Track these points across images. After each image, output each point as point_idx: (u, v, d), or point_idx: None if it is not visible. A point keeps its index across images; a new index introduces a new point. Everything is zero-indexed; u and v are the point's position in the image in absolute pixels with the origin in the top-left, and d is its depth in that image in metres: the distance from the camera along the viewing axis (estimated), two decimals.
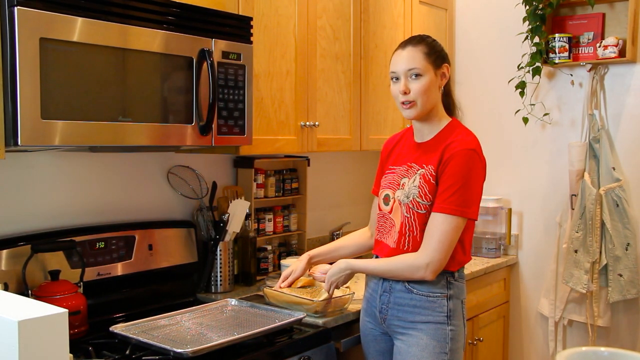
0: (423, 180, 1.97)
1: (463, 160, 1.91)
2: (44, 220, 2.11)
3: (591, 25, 3.11)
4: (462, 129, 2.04)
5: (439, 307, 1.97)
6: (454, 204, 1.90)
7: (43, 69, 1.62)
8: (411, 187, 1.99)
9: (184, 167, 2.51)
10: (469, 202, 1.92)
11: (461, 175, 1.91)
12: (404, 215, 1.99)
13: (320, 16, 2.64)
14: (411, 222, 1.97)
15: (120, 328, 1.89)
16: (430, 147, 2.02)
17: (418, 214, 1.96)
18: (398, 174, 2.07)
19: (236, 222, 2.52)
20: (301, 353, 2.01)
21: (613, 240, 2.97)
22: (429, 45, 2.00)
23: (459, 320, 2.01)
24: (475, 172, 1.94)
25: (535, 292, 3.41)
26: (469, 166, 1.92)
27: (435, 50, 2.00)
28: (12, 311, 1.19)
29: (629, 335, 3.09)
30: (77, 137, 1.72)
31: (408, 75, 1.97)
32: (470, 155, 1.93)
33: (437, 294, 1.98)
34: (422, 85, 1.96)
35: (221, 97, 2.10)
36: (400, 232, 2.00)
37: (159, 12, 1.91)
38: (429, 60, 1.97)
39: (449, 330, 1.97)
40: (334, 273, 2.09)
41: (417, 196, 1.96)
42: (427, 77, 1.96)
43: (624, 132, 3.08)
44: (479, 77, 3.56)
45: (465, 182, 1.91)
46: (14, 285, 1.92)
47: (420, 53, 1.97)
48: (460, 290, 2.04)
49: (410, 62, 1.97)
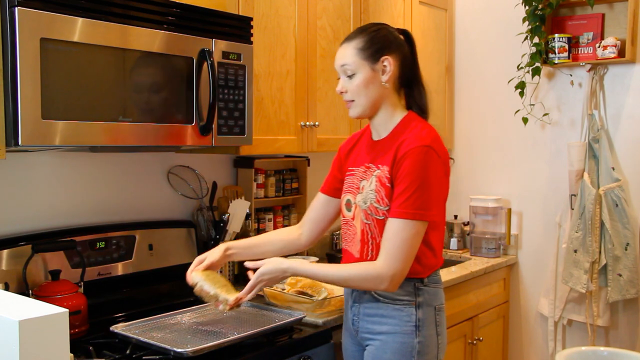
0: (379, 184, 1.81)
1: (417, 159, 1.73)
2: (45, 220, 2.11)
3: (591, 25, 3.11)
4: (417, 123, 1.84)
5: (407, 316, 1.81)
6: (411, 207, 1.72)
7: (43, 69, 1.62)
8: (368, 191, 1.84)
9: (184, 167, 2.51)
10: (427, 204, 1.74)
11: (416, 176, 1.73)
12: (363, 222, 1.84)
13: (320, 16, 2.64)
14: (372, 229, 1.82)
15: (121, 328, 1.89)
16: (385, 146, 1.85)
17: (377, 220, 1.81)
18: (357, 176, 1.91)
19: (236, 222, 2.52)
20: (301, 353, 2.01)
21: (612, 240, 2.98)
22: (364, 38, 1.81)
23: (430, 331, 1.83)
24: (433, 170, 1.75)
25: (534, 292, 3.41)
26: (424, 165, 1.73)
27: (372, 43, 1.81)
28: (13, 311, 1.20)
29: (628, 335, 3.10)
30: (78, 137, 1.72)
31: (343, 73, 1.83)
32: (425, 152, 1.74)
33: (405, 301, 1.82)
34: (356, 84, 1.81)
35: (221, 97, 2.10)
36: (362, 240, 1.85)
37: (159, 12, 1.91)
38: (362, 55, 1.80)
39: (416, 343, 1.80)
40: (269, 271, 1.81)
41: (375, 201, 1.81)
42: (361, 74, 1.80)
43: (624, 132, 3.09)
44: (479, 77, 3.56)
45: (421, 182, 1.73)
46: (14, 285, 1.93)
47: (353, 49, 1.81)
48: (433, 297, 1.86)
49: (341, 59, 1.83)
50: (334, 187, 2.03)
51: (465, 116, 3.62)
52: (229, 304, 1.79)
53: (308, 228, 2.07)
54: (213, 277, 1.88)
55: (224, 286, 1.85)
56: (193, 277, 1.87)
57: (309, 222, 2.07)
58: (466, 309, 2.99)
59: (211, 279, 1.86)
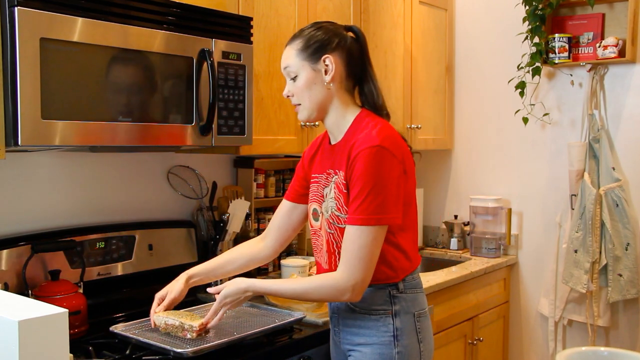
0: (337, 190, 1.73)
1: (367, 161, 1.63)
2: (44, 220, 2.11)
3: (591, 25, 3.11)
4: (368, 121, 1.74)
5: (384, 326, 1.73)
6: (365, 212, 1.63)
7: (43, 69, 1.62)
8: (329, 199, 1.76)
9: (184, 167, 2.51)
10: (383, 207, 1.63)
11: (368, 179, 1.63)
12: (327, 232, 1.77)
13: (320, 16, 2.64)
14: (336, 238, 1.74)
15: (121, 328, 1.89)
16: (340, 149, 1.76)
17: (340, 229, 1.72)
18: (321, 183, 1.82)
19: (236, 222, 2.52)
20: (301, 353, 2.01)
21: (613, 240, 2.97)
22: (303, 38, 1.75)
23: (410, 339, 1.74)
24: (386, 170, 1.64)
25: (535, 292, 3.41)
26: (375, 166, 1.63)
27: (311, 43, 1.74)
28: (13, 311, 1.20)
29: (628, 335, 3.09)
30: (78, 137, 1.72)
31: (288, 76, 1.78)
32: (375, 152, 1.63)
33: (380, 311, 1.73)
34: (299, 86, 1.75)
35: (221, 97, 2.10)
36: (328, 251, 1.78)
37: (159, 12, 1.91)
38: (302, 56, 1.73)
39: (395, 354, 1.72)
40: (230, 293, 1.76)
41: (335, 209, 1.73)
42: (303, 75, 1.74)
43: (624, 132, 3.08)
44: (479, 77, 3.56)
45: (374, 184, 1.62)
46: (14, 285, 1.93)
47: (293, 50, 1.75)
48: (411, 303, 1.77)
49: (283, 62, 1.78)
50: (299, 194, 1.95)
51: (465, 116, 3.62)
52: (195, 330, 1.79)
53: (273, 237, 1.99)
54: (174, 311, 1.90)
55: (187, 315, 1.85)
56: (155, 320, 1.86)
57: (274, 231, 1.98)
58: (466, 309, 2.99)
59: (173, 313, 1.87)
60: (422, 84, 3.32)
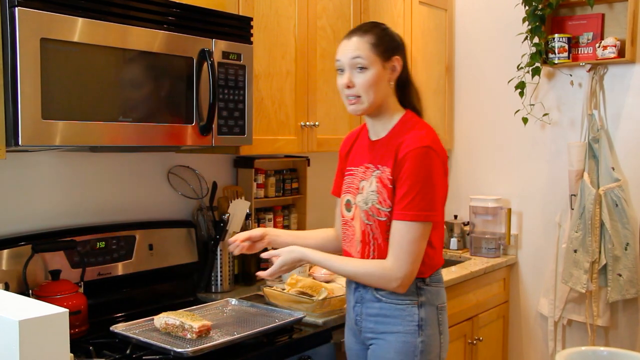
0: (381, 185, 1.81)
1: (418, 160, 1.74)
2: (45, 220, 2.12)
3: (590, 25, 3.12)
4: (414, 122, 1.85)
5: (409, 316, 1.82)
6: (415, 209, 1.73)
7: (44, 69, 1.62)
8: (369, 192, 1.84)
9: (184, 167, 2.51)
10: (431, 204, 1.75)
11: (419, 177, 1.74)
12: (364, 223, 1.85)
13: (320, 16, 2.64)
14: (373, 230, 1.83)
15: (121, 328, 1.89)
16: (384, 146, 1.85)
17: (379, 221, 1.81)
18: (357, 176, 1.91)
19: (236, 222, 2.52)
20: (301, 353, 2.01)
21: (612, 240, 2.98)
22: (377, 35, 1.81)
23: (432, 330, 1.84)
24: (434, 171, 1.76)
25: (534, 292, 3.41)
26: (425, 165, 1.74)
27: (385, 41, 1.81)
28: (13, 311, 1.20)
29: (628, 334, 3.10)
30: (78, 137, 1.72)
31: (353, 67, 1.80)
32: (425, 152, 1.74)
33: (407, 301, 1.82)
34: (367, 79, 1.79)
35: (221, 98, 2.10)
36: (362, 241, 1.86)
37: (159, 12, 1.92)
38: (375, 51, 1.79)
39: (419, 342, 1.81)
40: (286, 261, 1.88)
41: (377, 202, 1.81)
42: (373, 70, 1.79)
43: (624, 132, 3.09)
44: (479, 77, 3.56)
45: (424, 183, 1.74)
46: (14, 285, 1.93)
47: (367, 44, 1.79)
48: (435, 296, 1.87)
49: (353, 51, 1.79)
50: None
51: (465, 116, 3.62)
52: (195, 330, 1.80)
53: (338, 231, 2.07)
54: (174, 311, 1.92)
55: (187, 315, 1.87)
56: (155, 322, 1.90)
57: (339, 227, 2.03)
58: (466, 309, 2.99)
59: (173, 313, 1.89)
60: (422, 84, 3.32)
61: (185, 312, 1.93)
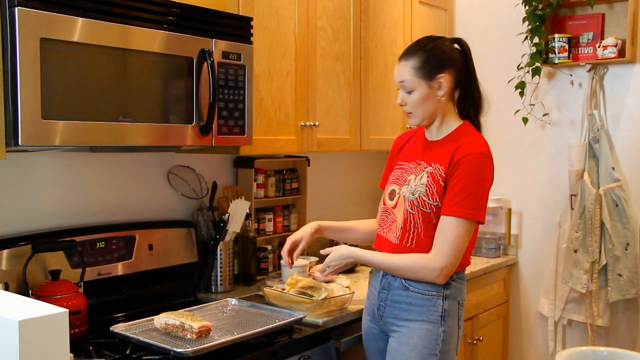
0: (431, 179, 1.96)
1: (475, 164, 1.91)
2: (45, 220, 2.12)
3: (591, 25, 3.12)
4: (472, 131, 2.03)
5: (434, 307, 1.95)
6: (466, 207, 1.89)
7: (43, 69, 1.62)
8: (418, 184, 1.98)
9: (184, 167, 2.51)
10: (480, 205, 1.91)
11: (473, 179, 1.90)
12: (407, 212, 1.98)
13: (320, 16, 2.64)
14: (415, 219, 1.96)
15: (121, 328, 1.89)
16: (441, 146, 2.01)
17: (423, 212, 1.95)
18: (406, 170, 2.06)
19: (236, 222, 2.52)
20: (301, 353, 2.01)
21: (612, 240, 2.98)
22: (421, 58, 1.96)
23: (453, 322, 1.99)
24: (487, 176, 1.94)
25: (534, 292, 3.41)
26: (480, 169, 1.91)
27: (430, 62, 1.96)
28: (13, 311, 1.20)
29: (628, 335, 3.10)
30: (78, 137, 1.72)
31: (402, 88, 2.00)
32: (482, 158, 1.92)
33: (433, 292, 1.95)
34: (414, 99, 1.98)
35: (221, 97, 2.10)
36: (403, 228, 1.99)
37: (159, 12, 1.91)
38: (419, 74, 1.95)
39: (441, 332, 1.95)
40: (335, 258, 2.07)
41: (424, 195, 1.95)
42: (419, 91, 1.97)
43: (624, 132, 3.09)
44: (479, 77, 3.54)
45: (477, 185, 1.90)
46: (14, 285, 1.93)
47: (409, 68, 1.96)
48: (459, 292, 2.01)
49: (399, 76, 1.99)
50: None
51: None
52: (195, 331, 1.80)
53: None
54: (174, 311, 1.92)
55: (187, 315, 1.88)
56: (155, 323, 1.91)
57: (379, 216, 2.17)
58: (466, 309, 2.96)
59: (173, 313, 1.90)
60: None
61: (185, 312, 1.93)
